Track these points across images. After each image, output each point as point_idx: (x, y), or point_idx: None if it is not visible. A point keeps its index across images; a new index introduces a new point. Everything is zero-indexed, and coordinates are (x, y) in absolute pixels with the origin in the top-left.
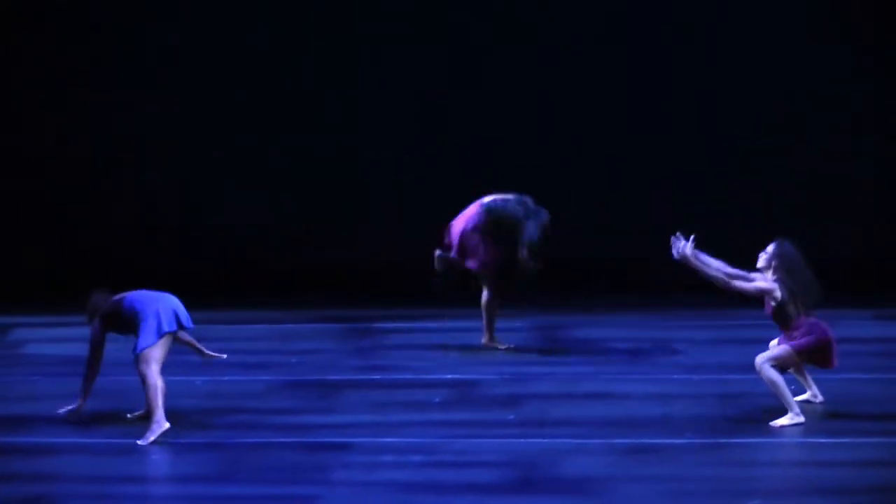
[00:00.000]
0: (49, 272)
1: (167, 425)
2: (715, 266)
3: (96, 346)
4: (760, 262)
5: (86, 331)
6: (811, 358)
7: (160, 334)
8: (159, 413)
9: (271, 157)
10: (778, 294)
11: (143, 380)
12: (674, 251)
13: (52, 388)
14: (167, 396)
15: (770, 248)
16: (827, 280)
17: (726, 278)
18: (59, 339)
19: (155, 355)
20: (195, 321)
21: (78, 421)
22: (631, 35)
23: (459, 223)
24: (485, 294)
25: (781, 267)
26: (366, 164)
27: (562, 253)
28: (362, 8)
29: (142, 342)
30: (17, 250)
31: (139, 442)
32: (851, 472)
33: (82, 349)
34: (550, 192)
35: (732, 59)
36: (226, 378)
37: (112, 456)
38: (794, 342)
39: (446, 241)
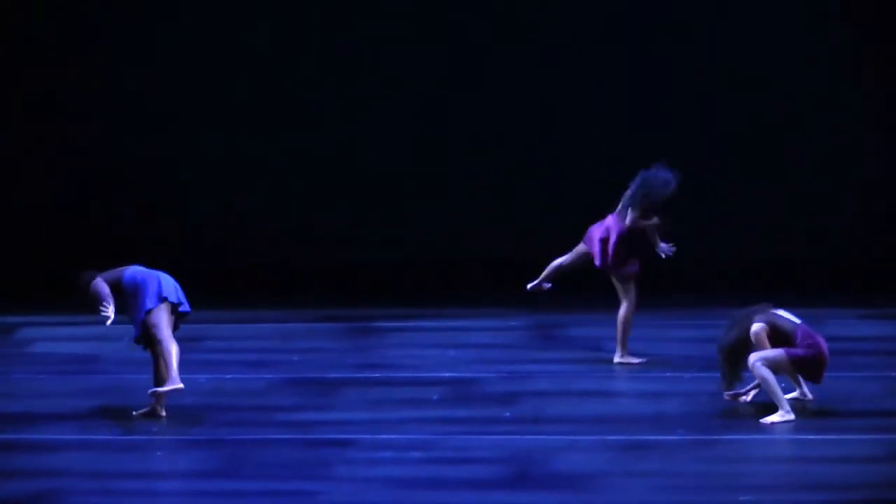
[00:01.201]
0: (53, 271)
1: (181, 385)
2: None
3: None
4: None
5: (91, 330)
6: (802, 369)
7: (160, 299)
8: (174, 372)
9: (272, 156)
10: (762, 327)
11: (158, 344)
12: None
13: (58, 386)
14: (172, 394)
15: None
16: (818, 279)
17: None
18: (65, 337)
19: (162, 318)
20: (198, 321)
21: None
22: (631, 35)
23: (598, 232)
24: (623, 307)
25: (739, 327)
26: (366, 164)
27: (559, 252)
28: (362, 8)
29: (145, 305)
30: (22, 250)
31: (150, 392)
32: (840, 469)
33: (88, 347)
34: (550, 191)
35: (732, 59)
36: (228, 376)
37: (116, 452)
38: (790, 350)
39: (587, 249)
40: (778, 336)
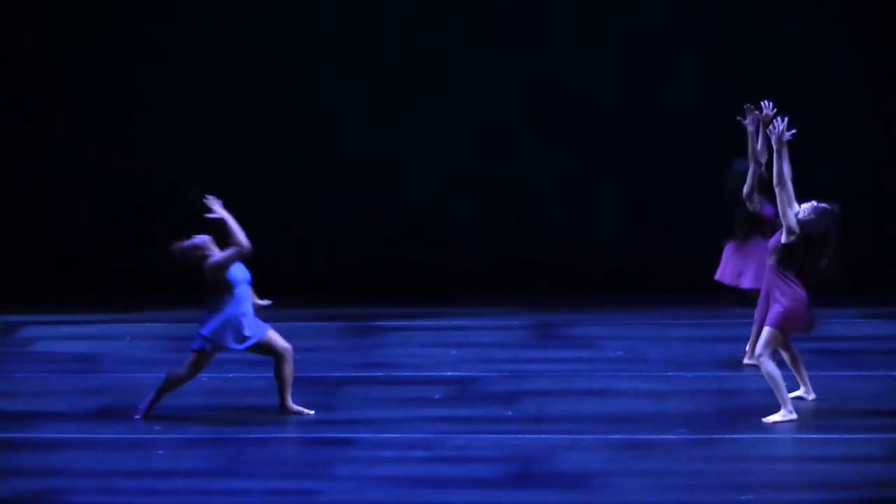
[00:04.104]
0: (58, 270)
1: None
2: (787, 166)
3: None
4: (806, 204)
5: (93, 329)
6: (792, 328)
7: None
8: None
9: (272, 155)
10: (792, 238)
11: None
12: (771, 132)
13: (60, 385)
14: (174, 393)
15: (825, 204)
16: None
17: (787, 180)
18: (67, 336)
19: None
20: (200, 320)
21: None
22: (631, 35)
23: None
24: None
25: (820, 225)
26: (367, 163)
27: (559, 252)
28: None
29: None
30: (23, 249)
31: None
32: (842, 468)
33: (89, 346)
34: (550, 191)
35: (731, 59)
36: (230, 375)
37: (118, 451)
38: (773, 320)
39: (726, 271)
40: (782, 254)
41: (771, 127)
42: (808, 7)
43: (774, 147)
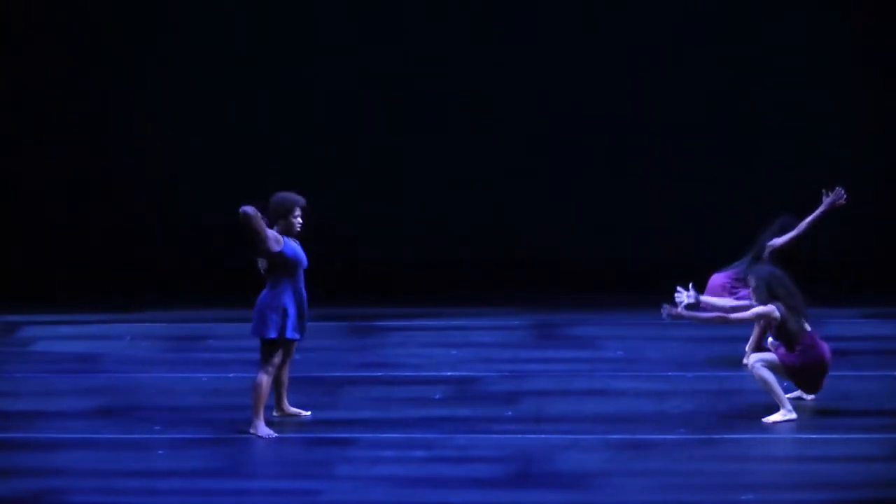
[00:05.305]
0: (59, 271)
1: None
2: (719, 306)
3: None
4: (753, 298)
5: (93, 329)
6: (796, 379)
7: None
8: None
9: (272, 155)
10: (776, 314)
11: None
12: (664, 314)
13: (60, 385)
14: (174, 393)
15: (750, 281)
16: (817, 279)
17: (724, 315)
18: (67, 336)
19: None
20: (200, 319)
21: None
22: (631, 35)
23: (719, 279)
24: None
25: (768, 289)
26: (366, 163)
27: (559, 252)
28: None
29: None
30: (24, 248)
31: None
32: (842, 468)
33: (89, 346)
34: (550, 191)
35: (731, 59)
36: (230, 375)
37: (118, 451)
38: (786, 357)
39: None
40: (785, 334)
41: (663, 310)
42: (808, 7)
43: (682, 315)
